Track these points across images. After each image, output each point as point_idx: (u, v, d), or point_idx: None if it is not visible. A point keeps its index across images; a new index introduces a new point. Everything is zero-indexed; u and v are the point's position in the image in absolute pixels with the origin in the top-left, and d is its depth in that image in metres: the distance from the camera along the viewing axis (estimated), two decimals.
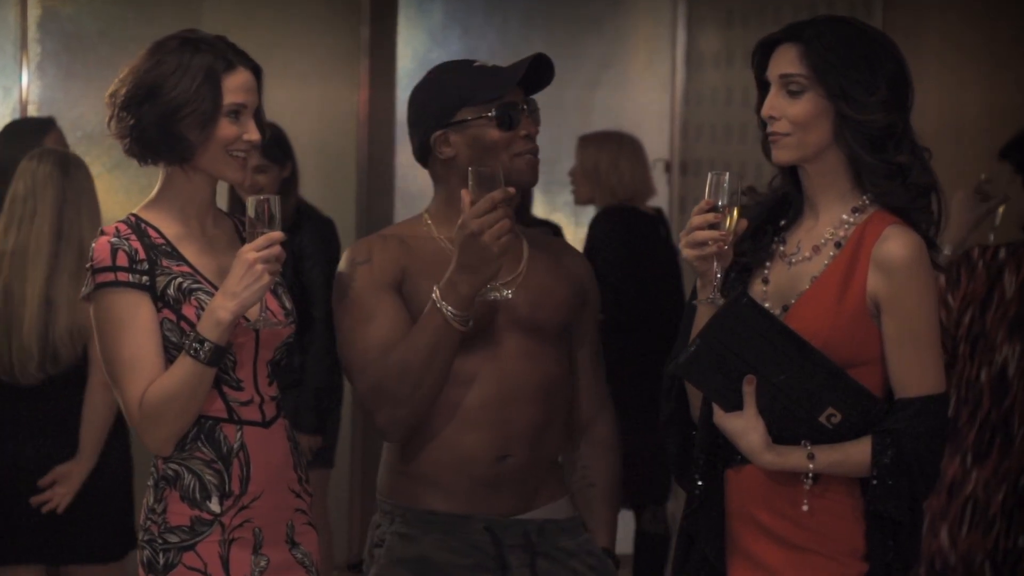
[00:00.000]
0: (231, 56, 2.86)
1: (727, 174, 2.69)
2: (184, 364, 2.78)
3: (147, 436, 2.85)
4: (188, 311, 2.84)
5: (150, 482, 2.92)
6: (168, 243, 2.87)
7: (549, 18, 6.86)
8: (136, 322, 2.81)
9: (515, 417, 2.98)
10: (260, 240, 2.75)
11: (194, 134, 2.83)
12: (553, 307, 3.02)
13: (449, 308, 2.83)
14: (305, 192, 5.32)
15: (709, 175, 2.70)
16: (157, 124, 2.82)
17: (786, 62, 2.72)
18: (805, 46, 2.71)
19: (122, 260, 2.82)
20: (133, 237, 2.85)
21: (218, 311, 2.76)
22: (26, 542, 4.25)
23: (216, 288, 2.84)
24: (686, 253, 2.70)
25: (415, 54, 6.63)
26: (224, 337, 2.78)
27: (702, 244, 2.67)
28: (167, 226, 2.89)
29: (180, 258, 2.87)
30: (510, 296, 2.88)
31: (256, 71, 2.91)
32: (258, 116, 2.92)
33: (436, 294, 2.85)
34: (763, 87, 2.79)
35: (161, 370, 2.82)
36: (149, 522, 2.90)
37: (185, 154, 2.85)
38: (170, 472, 2.88)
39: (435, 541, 2.99)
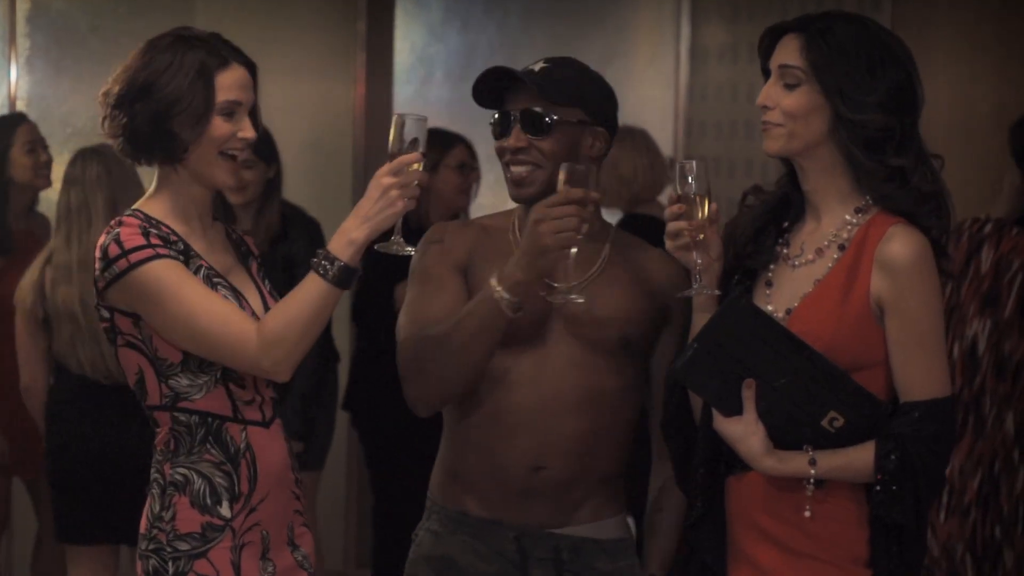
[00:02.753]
0: (225, 52, 2.84)
1: (694, 162, 2.70)
2: (310, 283, 2.75)
3: (266, 363, 2.77)
4: None
5: (155, 489, 2.89)
6: (182, 240, 2.85)
7: (550, 12, 6.84)
8: (197, 280, 2.80)
9: (552, 427, 2.93)
10: (395, 164, 2.71)
11: (186, 132, 2.80)
12: (611, 320, 2.94)
13: (499, 289, 2.79)
14: (300, 190, 5.32)
15: (676, 165, 2.72)
16: (150, 122, 2.80)
17: (787, 53, 2.72)
18: (808, 39, 2.70)
19: (156, 240, 2.80)
20: (154, 231, 2.83)
21: (351, 232, 2.73)
22: (96, 523, 4.42)
23: (236, 291, 2.86)
24: (667, 245, 2.73)
25: (413, 49, 6.60)
26: (356, 259, 2.74)
27: (677, 235, 2.70)
28: (174, 224, 2.86)
29: (197, 255, 2.86)
30: (581, 301, 2.82)
31: (251, 68, 2.89)
32: (253, 114, 2.90)
33: (494, 276, 2.82)
34: (768, 75, 2.79)
35: (243, 312, 2.80)
36: (156, 530, 2.86)
37: (176, 153, 2.82)
38: (178, 477, 2.85)
39: (462, 543, 2.98)
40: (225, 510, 2.84)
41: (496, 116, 2.95)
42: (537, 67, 2.94)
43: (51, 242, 4.45)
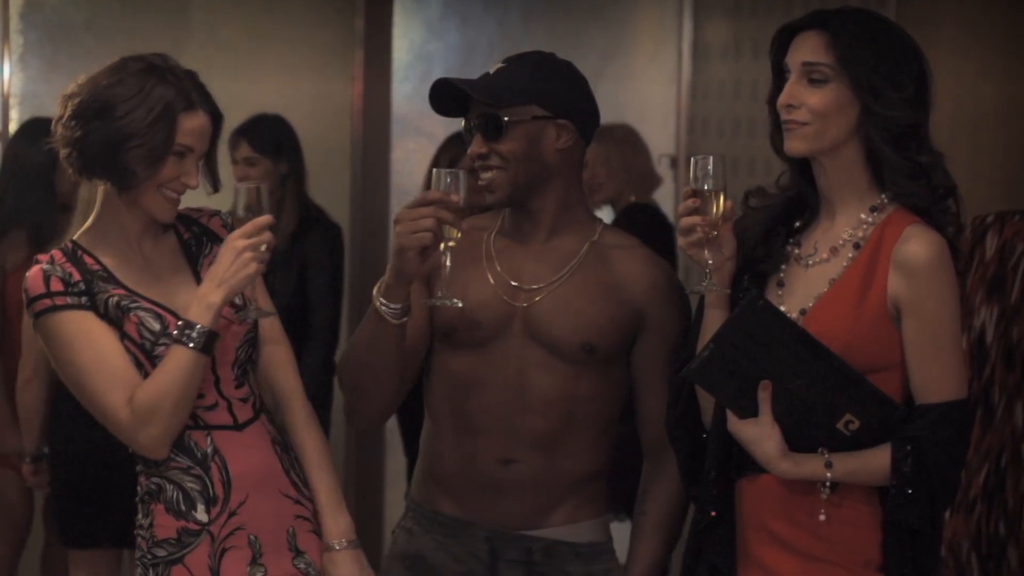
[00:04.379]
0: (195, 96, 2.82)
1: (711, 158, 2.68)
2: (176, 354, 2.76)
3: (142, 438, 2.79)
4: (129, 328, 2.82)
5: (137, 499, 2.91)
6: (104, 269, 2.85)
7: (550, 8, 6.82)
8: (90, 334, 2.79)
9: (520, 425, 2.93)
10: (248, 227, 2.75)
11: (140, 167, 2.79)
12: (573, 325, 2.92)
13: (379, 298, 2.83)
14: None
15: (691, 160, 2.70)
16: (102, 145, 2.78)
17: (810, 49, 2.69)
18: (832, 35, 2.68)
19: (56, 285, 2.79)
20: (68, 263, 2.82)
21: (208, 296, 2.75)
22: (101, 527, 4.41)
23: (159, 306, 2.83)
24: (679, 242, 2.72)
25: (411, 46, 6.57)
26: (216, 322, 2.76)
27: (690, 231, 2.68)
28: (104, 253, 2.86)
29: (117, 283, 2.84)
30: (459, 305, 2.83)
31: (215, 117, 2.87)
32: (210, 163, 2.89)
33: (377, 285, 2.87)
34: (779, 75, 2.76)
35: (134, 373, 2.78)
36: (139, 538, 2.89)
37: (128, 183, 2.81)
38: (152, 486, 2.87)
39: (434, 542, 3.00)
40: (201, 514, 2.84)
41: (467, 123, 2.94)
42: (493, 69, 2.94)
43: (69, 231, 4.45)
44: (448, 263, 2.77)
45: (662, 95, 6.79)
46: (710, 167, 2.66)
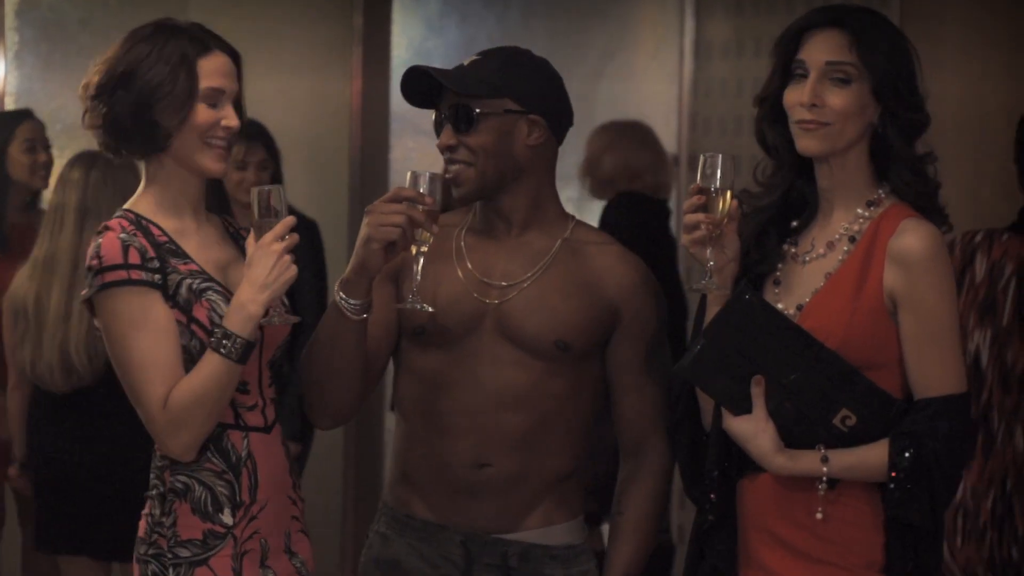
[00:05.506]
0: (207, 40, 2.82)
1: (719, 156, 2.68)
2: (212, 362, 2.72)
3: (172, 441, 2.76)
4: (199, 313, 2.78)
5: (152, 493, 2.87)
6: (171, 240, 2.82)
7: (551, 5, 6.82)
8: (151, 321, 2.75)
9: (493, 425, 2.90)
10: (279, 228, 2.71)
11: (168, 120, 2.78)
12: (545, 323, 2.89)
13: (339, 292, 2.80)
14: (295, 188, 5.28)
15: (701, 157, 2.69)
16: (131, 111, 2.78)
17: (833, 49, 2.68)
18: (852, 35, 2.67)
19: (134, 258, 2.75)
20: (139, 234, 2.78)
21: (248, 305, 2.71)
22: (80, 535, 4.39)
23: (222, 285, 2.80)
24: (682, 239, 2.72)
25: (410, 43, 6.56)
26: (255, 333, 2.73)
27: (694, 228, 2.67)
28: (164, 221, 2.83)
29: (185, 255, 2.81)
30: (430, 310, 2.81)
31: (234, 56, 2.86)
32: (237, 104, 2.87)
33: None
34: (783, 74, 2.74)
35: (180, 371, 2.76)
36: (156, 535, 2.84)
37: (159, 142, 2.80)
38: (179, 485, 2.83)
39: (408, 546, 2.98)
40: (227, 517, 2.81)
41: (439, 114, 2.90)
42: (467, 61, 2.90)
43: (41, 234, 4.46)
44: (420, 269, 2.76)
45: (663, 93, 6.78)
46: (718, 166, 2.65)
